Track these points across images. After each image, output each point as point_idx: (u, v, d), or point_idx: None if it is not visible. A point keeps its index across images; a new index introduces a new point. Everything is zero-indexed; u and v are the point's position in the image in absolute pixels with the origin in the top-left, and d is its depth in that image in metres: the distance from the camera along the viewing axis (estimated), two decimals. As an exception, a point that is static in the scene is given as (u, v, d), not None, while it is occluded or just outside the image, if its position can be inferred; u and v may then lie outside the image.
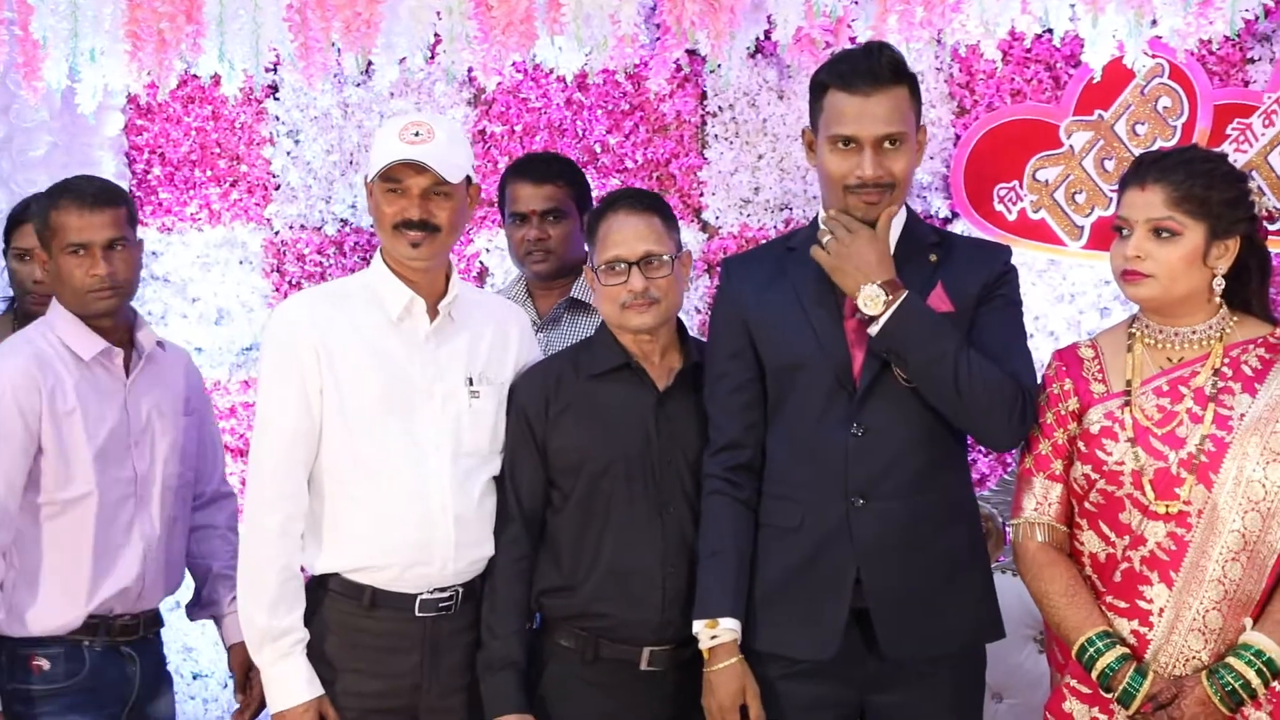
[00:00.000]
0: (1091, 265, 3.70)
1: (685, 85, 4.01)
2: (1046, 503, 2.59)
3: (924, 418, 2.60)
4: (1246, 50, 3.56)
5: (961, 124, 3.80)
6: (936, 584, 2.59)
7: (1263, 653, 2.37)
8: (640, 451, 2.78)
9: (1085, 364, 2.60)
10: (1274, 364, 2.48)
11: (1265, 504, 2.41)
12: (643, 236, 2.77)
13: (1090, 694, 2.51)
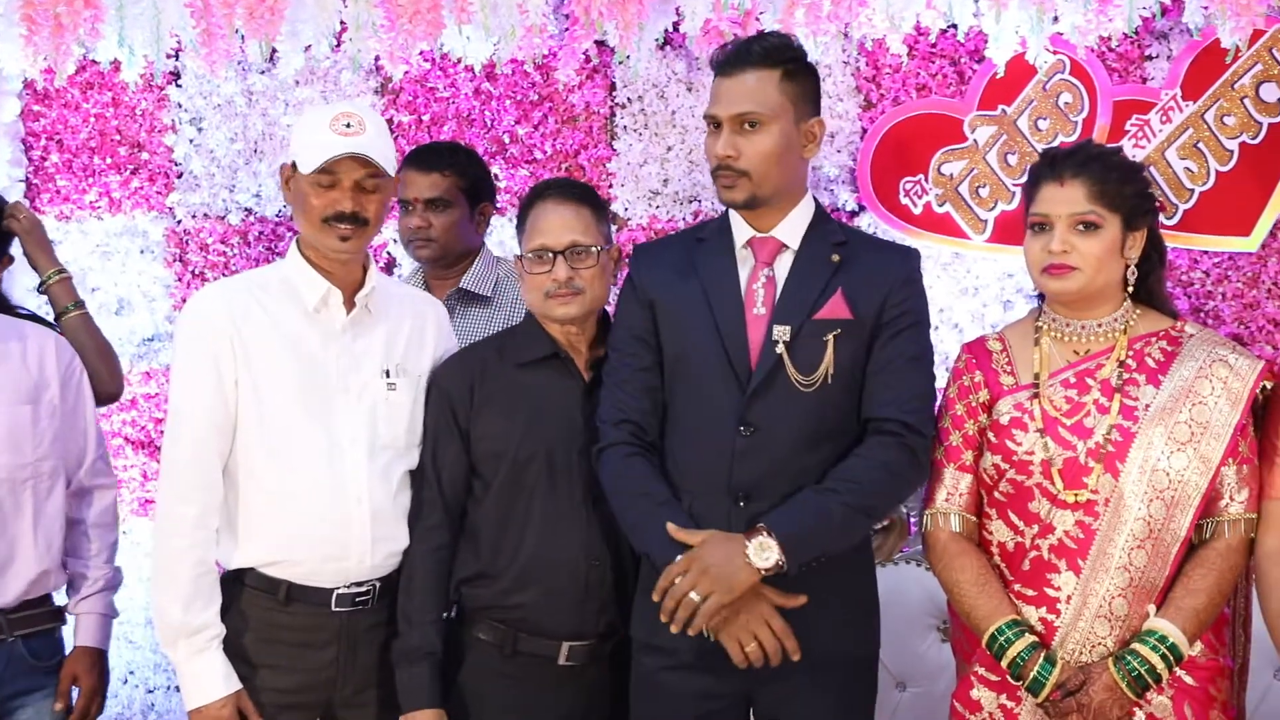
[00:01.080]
0: (995, 258, 3.75)
1: (594, 76, 4.00)
2: (957, 493, 2.61)
3: (819, 420, 2.59)
4: (1145, 48, 3.63)
5: (868, 118, 3.83)
6: (813, 586, 2.55)
7: (1166, 638, 2.41)
8: (566, 442, 2.76)
9: (994, 356, 2.64)
10: (1176, 356, 2.53)
11: (1169, 492, 2.45)
12: (570, 226, 2.76)
13: (998, 682, 2.54)
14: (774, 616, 2.51)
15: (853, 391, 2.60)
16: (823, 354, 2.58)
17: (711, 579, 2.48)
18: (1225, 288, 3.59)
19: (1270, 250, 3.55)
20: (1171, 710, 2.45)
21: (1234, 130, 3.54)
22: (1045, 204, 2.52)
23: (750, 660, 2.51)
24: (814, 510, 2.52)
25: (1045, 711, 2.47)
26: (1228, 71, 3.53)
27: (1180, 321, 2.59)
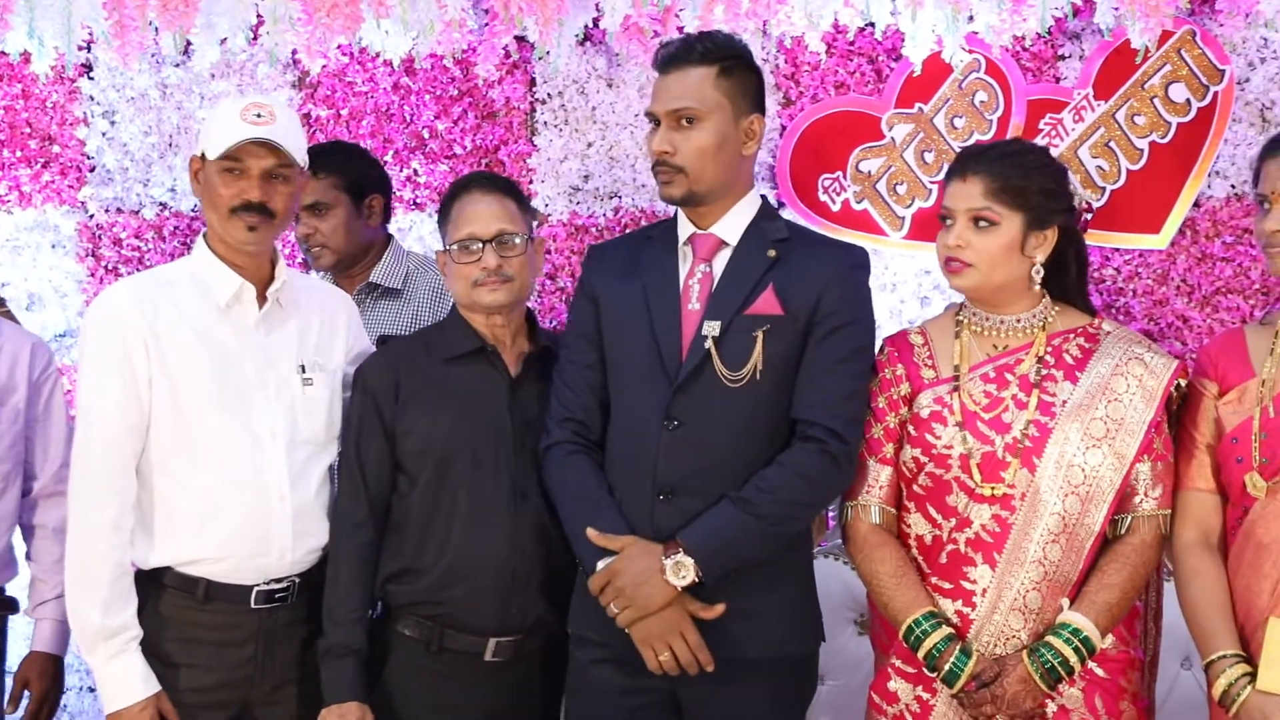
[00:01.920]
0: (913, 255, 3.78)
1: (514, 72, 3.99)
2: (877, 485, 2.63)
3: (747, 417, 2.59)
4: (1058, 47, 3.68)
5: (787, 115, 3.85)
6: (741, 587, 2.57)
7: (1079, 631, 2.45)
8: (493, 437, 2.76)
9: (916, 350, 2.66)
10: (1093, 353, 2.56)
11: (1084, 488, 2.49)
12: (497, 215, 2.77)
13: (915, 673, 2.56)
14: (689, 628, 2.53)
15: (785, 389, 2.60)
16: (751, 350, 2.58)
17: (627, 596, 2.51)
18: (1136, 284, 3.65)
19: (1179, 248, 3.61)
20: (1083, 702, 2.49)
21: (1144, 130, 3.60)
22: (949, 198, 2.56)
23: (665, 669, 2.53)
24: (730, 523, 2.53)
25: (960, 703, 2.50)
26: (1138, 72, 3.59)
27: (1098, 319, 2.63)
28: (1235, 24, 3.46)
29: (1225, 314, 3.57)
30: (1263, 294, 3.52)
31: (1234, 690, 2.36)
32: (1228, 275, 3.58)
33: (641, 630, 2.53)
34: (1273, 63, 3.51)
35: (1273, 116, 3.52)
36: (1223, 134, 3.55)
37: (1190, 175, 3.58)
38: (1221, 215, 3.58)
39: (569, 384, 2.71)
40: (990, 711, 2.46)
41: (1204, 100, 3.56)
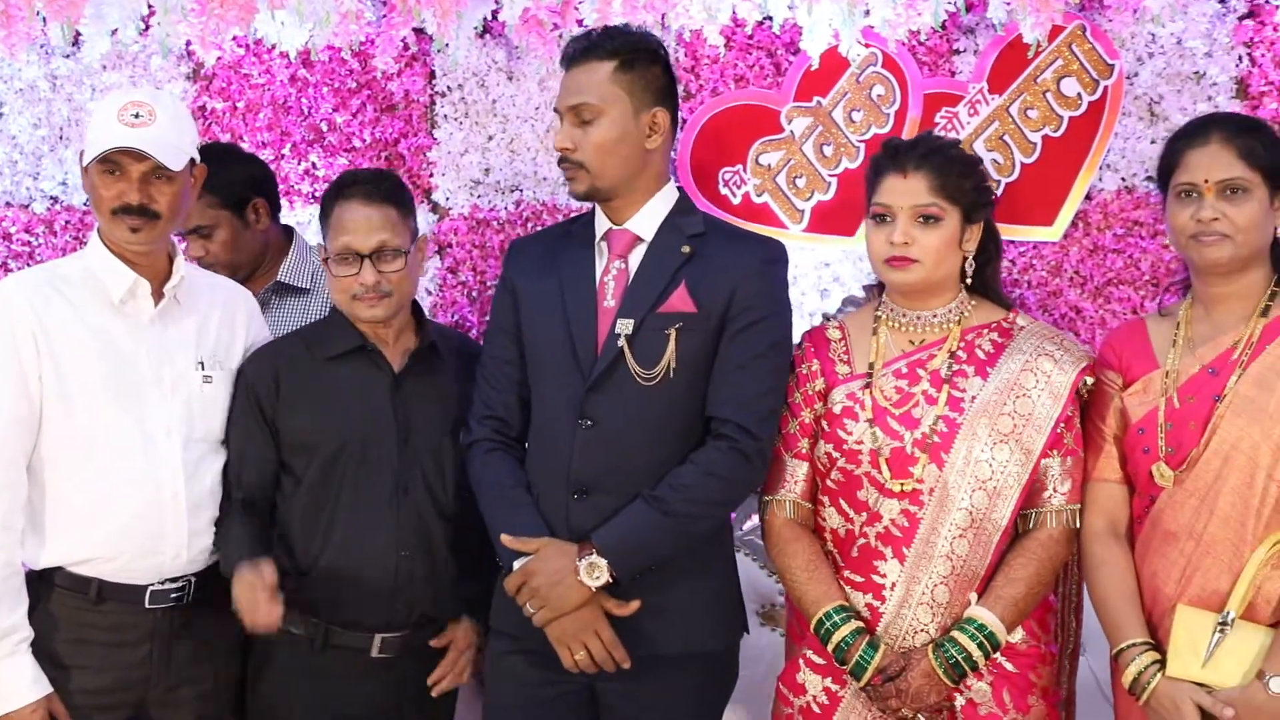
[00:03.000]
0: (812, 248, 3.80)
1: (413, 64, 3.95)
2: (793, 480, 2.65)
3: (661, 414, 2.59)
4: (953, 42, 3.72)
5: (687, 108, 3.85)
6: (657, 584, 2.58)
7: (984, 626, 2.47)
8: (376, 434, 2.75)
9: (832, 345, 2.68)
10: (1005, 348, 2.59)
11: (991, 483, 2.52)
12: (377, 228, 2.74)
13: (824, 665, 2.59)
14: (604, 627, 2.54)
15: (699, 387, 2.60)
16: (664, 348, 2.58)
17: (542, 596, 2.51)
18: (1030, 276, 3.70)
19: (1072, 240, 3.67)
20: (990, 696, 2.51)
21: (1037, 123, 3.65)
22: (888, 195, 2.56)
23: (580, 667, 2.53)
24: (643, 523, 2.54)
25: (867, 696, 2.53)
26: (1030, 66, 3.64)
27: (1013, 313, 2.66)
28: (1124, 19, 3.52)
29: (1117, 305, 3.63)
30: (1152, 285, 3.58)
31: (1144, 678, 2.39)
32: (1119, 267, 3.64)
33: (557, 630, 2.53)
34: (1160, 57, 3.57)
35: (1161, 110, 3.58)
36: (1113, 127, 3.60)
37: (1082, 168, 3.64)
38: (1112, 208, 3.64)
39: (490, 380, 2.71)
40: (896, 705, 2.49)
41: (1094, 94, 3.61)
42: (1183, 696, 2.34)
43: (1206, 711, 2.32)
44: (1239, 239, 2.43)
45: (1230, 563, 2.39)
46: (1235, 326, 2.48)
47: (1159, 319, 2.61)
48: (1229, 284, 2.49)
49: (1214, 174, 2.43)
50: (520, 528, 2.57)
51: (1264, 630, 2.35)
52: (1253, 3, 3.51)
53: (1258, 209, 2.43)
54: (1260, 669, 2.30)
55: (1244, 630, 2.35)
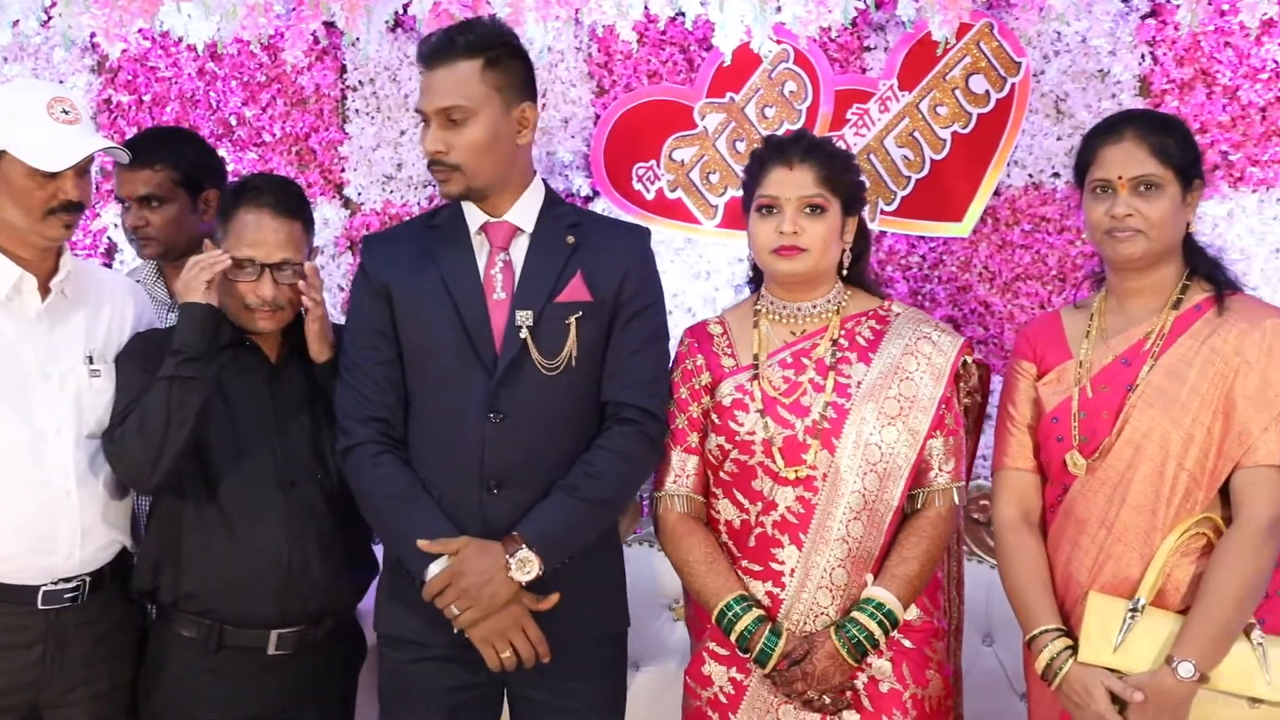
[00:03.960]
0: (726, 243, 3.81)
1: (324, 58, 3.92)
2: (684, 475, 2.67)
3: (567, 403, 2.61)
4: (864, 39, 3.74)
5: (601, 104, 3.85)
6: (568, 572, 2.59)
7: (883, 605, 2.52)
8: (259, 426, 2.73)
9: (715, 340, 2.71)
10: (885, 334, 2.65)
11: (882, 465, 2.56)
12: (282, 244, 2.73)
13: (728, 655, 2.61)
14: (529, 623, 2.54)
15: (597, 374, 2.63)
16: (565, 337, 2.59)
17: (472, 596, 2.49)
18: (941, 271, 3.74)
19: (981, 235, 3.71)
20: (891, 672, 2.56)
21: (946, 120, 3.69)
22: (775, 187, 2.61)
23: (505, 666, 2.53)
24: (564, 512, 2.55)
25: (772, 681, 2.55)
26: (939, 63, 3.67)
27: (888, 301, 2.72)
28: (1030, 18, 3.57)
29: (1025, 300, 3.68)
30: (1059, 280, 3.63)
31: (1056, 663, 2.43)
32: (1026, 262, 3.69)
33: (483, 630, 2.52)
34: (1066, 55, 3.62)
35: (1067, 108, 3.63)
36: (1020, 125, 3.65)
37: (990, 164, 3.67)
38: (1020, 204, 3.69)
39: (366, 381, 2.65)
40: (802, 688, 2.52)
41: (1002, 92, 3.66)
42: (1094, 681, 2.38)
43: (1117, 696, 2.36)
44: (1152, 234, 2.48)
45: (1141, 550, 2.44)
46: (1148, 318, 2.53)
47: (1074, 311, 2.66)
48: (1142, 278, 2.54)
49: (1128, 171, 2.48)
50: (433, 530, 2.55)
51: (1173, 617, 2.39)
52: (1154, 2, 3.57)
53: (1170, 205, 2.48)
54: (1169, 654, 2.34)
55: (1154, 617, 2.39)
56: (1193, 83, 3.57)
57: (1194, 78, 3.57)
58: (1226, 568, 2.35)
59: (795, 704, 2.54)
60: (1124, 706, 2.35)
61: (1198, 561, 2.42)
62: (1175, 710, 2.33)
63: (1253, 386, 2.41)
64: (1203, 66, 3.57)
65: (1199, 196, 2.55)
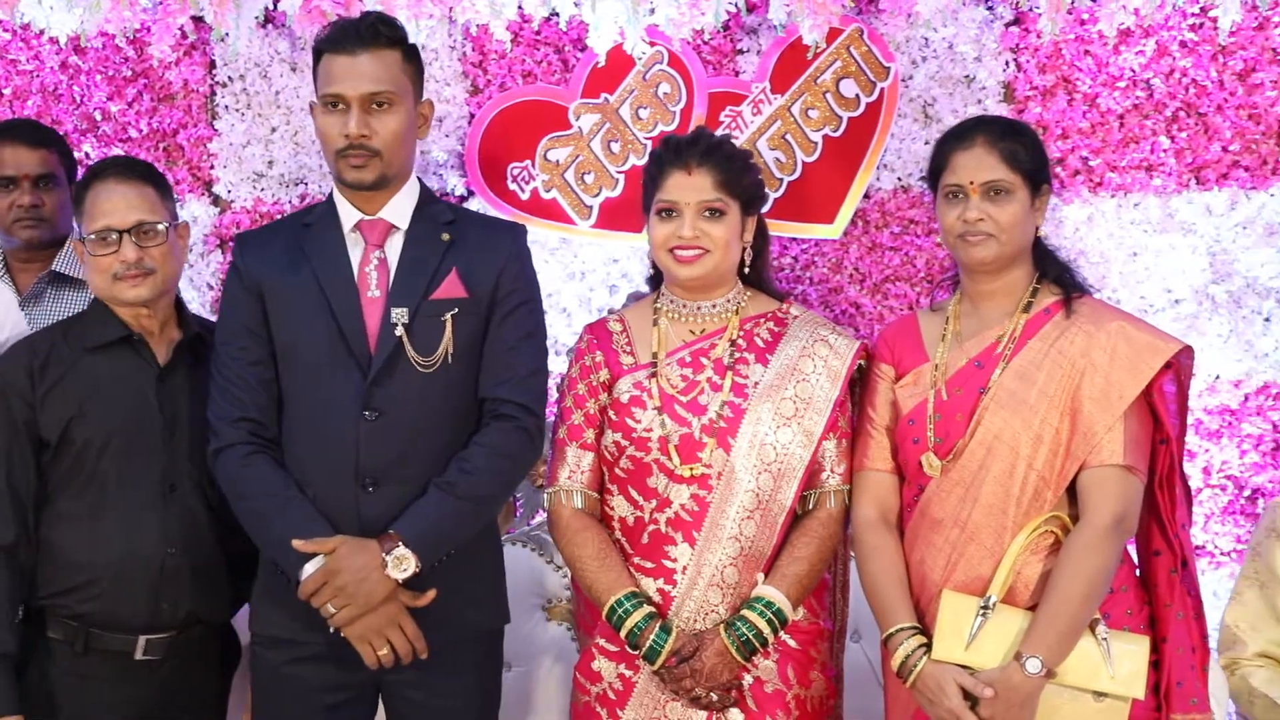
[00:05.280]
0: (601, 244, 3.83)
1: (192, 53, 3.85)
2: (579, 470, 2.67)
3: (444, 400, 2.60)
4: (736, 42, 3.78)
5: (475, 103, 3.84)
6: (446, 569, 2.59)
7: (773, 604, 2.54)
8: (142, 428, 2.67)
9: (614, 337, 2.72)
10: (783, 336, 2.67)
11: (776, 465, 2.58)
12: (134, 205, 2.67)
13: (618, 652, 2.61)
14: (406, 620, 2.53)
15: (474, 371, 2.63)
16: (441, 334, 2.59)
17: (348, 594, 2.47)
18: (812, 273, 3.79)
19: (851, 237, 3.77)
20: (776, 673, 2.58)
21: (818, 123, 3.74)
22: (674, 191, 2.61)
23: (382, 663, 2.51)
24: (441, 510, 2.54)
25: (661, 679, 2.56)
26: (810, 67, 3.72)
27: (786, 303, 2.74)
28: (898, 23, 3.63)
29: (894, 301, 3.74)
30: (927, 281, 3.70)
31: (911, 661, 2.46)
32: (896, 264, 3.75)
33: (360, 627, 2.50)
34: (933, 61, 3.69)
35: (935, 113, 3.70)
36: (889, 129, 3.71)
37: (860, 167, 3.74)
38: (889, 206, 3.75)
39: (238, 382, 2.62)
40: (689, 685, 2.53)
41: (872, 96, 3.71)
42: (946, 678, 2.41)
43: (969, 692, 2.40)
44: (1003, 238, 2.52)
45: (992, 549, 2.47)
46: (999, 321, 2.58)
47: (929, 314, 2.70)
48: (994, 281, 2.59)
49: (979, 176, 2.53)
50: (308, 529, 2.53)
51: (1022, 613, 2.43)
52: (1018, 10, 3.66)
53: (1020, 209, 2.53)
54: (1018, 650, 2.38)
55: (1004, 614, 2.43)
56: (1054, 89, 3.67)
57: (1056, 85, 3.67)
58: (1072, 566, 2.40)
59: (682, 701, 2.55)
60: (976, 702, 2.39)
61: (1046, 559, 2.47)
62: (1024, 705, 2.38)
63: (1098, 388, 2.46)
64: (1064, 74, 3.66)
65: (1047, 201, 2.61)
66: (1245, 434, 3.63)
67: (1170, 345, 2.50)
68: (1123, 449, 2.45)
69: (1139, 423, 2.48)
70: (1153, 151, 3.64)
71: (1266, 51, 3.58)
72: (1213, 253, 3.63)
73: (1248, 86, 3.60)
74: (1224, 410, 3.64)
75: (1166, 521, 2.52)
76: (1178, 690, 2.47)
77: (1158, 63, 3.61)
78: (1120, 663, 2.40)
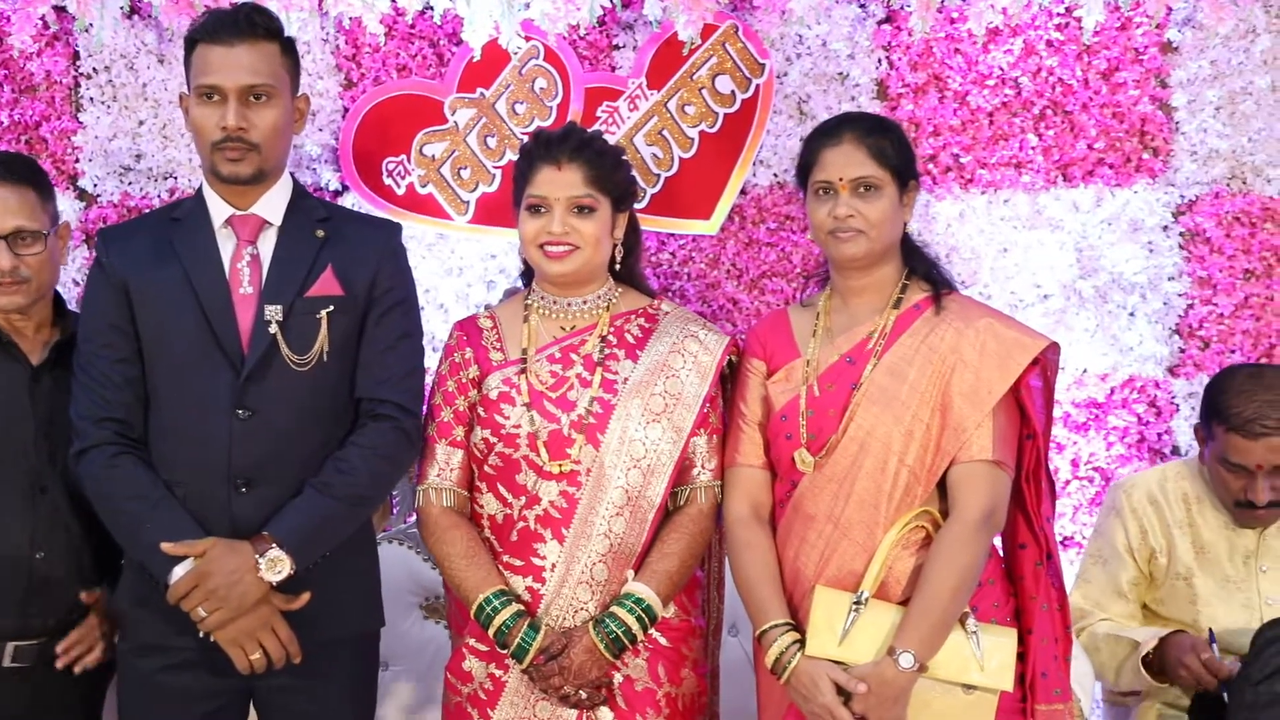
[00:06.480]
0: (478, 239, 3.80)
1: (55, 44, 3.75)
2: (448, 468, 2.65)
3: (318, 400, 2.58)
4: (613, 37, 3.78)
5: (349, 97, 3.80)
6: (320, 571, 2.56)
7: (642, 600, 2.54)
8: (11, 429, 2.62)
9: (484, 333, 2.70)
10: (653, 332, 2.68)
11: (645, 461, 2.59)
12: (13, 210, 2.62)
13: (488, 651, 2.60)
14: (279, 623, 2.50)
15: (349, 369, 2.61)
16: (317, 332, 2.56)
17: (220, 597, 2.43)
18: (690, 268, 3.80)
19: (728, 233, 3.78)
20: (646, 671, 2.58)
21: (694, 119, 3.75)
22: (543, 186, 2.61)
23: (255, 668, 2.48)
24: (317, 511, 2.52)
25: (530, 677, 2.55)
26: (686, 63, 3.73)
27: (657, 300, 2.75)
28: (772, 20, 3.66)
29: (771, 296, 3.77)
30: (804, 277, 3.70)
31: (785, 658, 2.46)
32: (772, 260, 3.78)
33: (232, 631, 2.46)
34: (807, 58, 3.72)
35: (809, 109, 3.73)
36: (765, 125, 3.73)
37: (737, 164, 3.76)
38: (766, 202, 3.77)
39: (102, 380, 2.56)
40: (558, 683, 2.52)
41: (747, 92, 3.73)
42: (820, 674, 2.42)
43: (843, 687, 2.42)
44: (872, 234, 2.55)
45: (865, 544, 2.50)
46: (870, 318, 2.60)
47: (800, 309, 2.72)
48: (864, 277, 2.61)
49: (848, 173, 2.55)
50: (178, 532, 2.48)
51: (895, 609, 2.46)
52: (890, 8, 3.70)
53: (889, 205, 2.56)
54: (890, 645, 2.41)
55: (877, 609, 2.46)
56: (926, 87, 3.72)
57: (927, 82, 3.71)
58: (942, 561, 2.44)
59: (552, 700, 2.55)
60: (849, 697, 2.41)
61: (917, 554, 2.50)
62: (897, 699, 2.41)
63: (967, 384, 2.50)
64: (935, 72, 3.71)
65: (915, 197, 2.64)
66: (1111, 426, 3.71)
67: (1037, 342, 2.55)
68: (992, 444, 2.49)
69: (1007, 418, 2.53)
70: (1021, 149, 3.70)
71: (1129, 51, 3.66)
72: (1079, 249, 3.71)
73: (1111, 85, 3.68)
74: (1091, 403, 3.72)
75: (1032, 515, 2.56)
76: (1042, 681, 2.52)
77: (1025, 61, 3.68)
78: (989, 656, 2.44)
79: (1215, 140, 3.66)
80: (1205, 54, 3.65)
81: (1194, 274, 3.69)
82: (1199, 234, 3.69)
